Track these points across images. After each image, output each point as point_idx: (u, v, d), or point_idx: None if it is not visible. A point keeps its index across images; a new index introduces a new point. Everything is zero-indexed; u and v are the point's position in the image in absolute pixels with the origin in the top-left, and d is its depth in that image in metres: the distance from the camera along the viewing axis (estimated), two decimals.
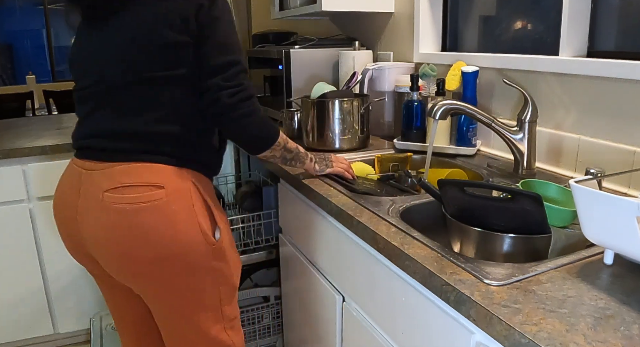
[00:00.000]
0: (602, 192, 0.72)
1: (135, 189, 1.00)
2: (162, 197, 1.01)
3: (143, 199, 1.00)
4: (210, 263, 1.08)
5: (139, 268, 1.03)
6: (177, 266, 1.03)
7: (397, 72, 1.78)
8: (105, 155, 1.04)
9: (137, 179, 1.01)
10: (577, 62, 1.23)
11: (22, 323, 2.00)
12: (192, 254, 1.04)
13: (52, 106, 4.55)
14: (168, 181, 1.02)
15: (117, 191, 1.00)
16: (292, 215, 1.48)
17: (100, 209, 1.01)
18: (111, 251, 1.02)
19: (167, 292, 1.07)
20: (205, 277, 1.08)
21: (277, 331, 1.94)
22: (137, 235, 1.00)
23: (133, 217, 0.99)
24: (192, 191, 1.05)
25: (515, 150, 1.30)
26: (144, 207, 0.99)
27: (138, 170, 1.02)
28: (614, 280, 0.75)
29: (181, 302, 1.08)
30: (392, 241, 0.91)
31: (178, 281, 1.05)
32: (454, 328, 0.79)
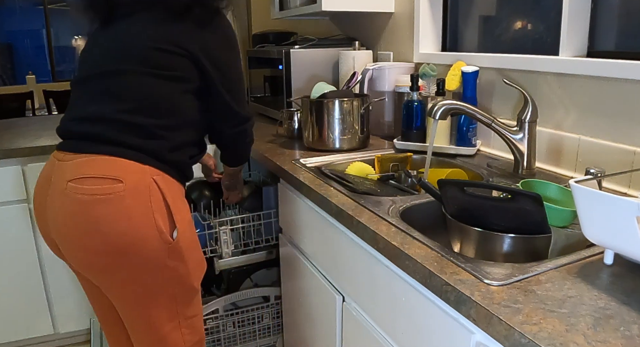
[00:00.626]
0: (602, 192, 0.72)
1: (95, 180, 1.03)
2: (120, 191, 1.03)
3: (100, 191, 1.02)
4: (164, 261, 1.09)
5: (93, 259, 1.05)
6: (129, 260, 1.05)
7: (397, 72, 1.78)
8: (74, 145, 1.09)
9: (98, 171, 1.04)
10: (577, 62, 1.23)
11: (22, 323, 2.00)
12: (145, 249, 1.05)
13: (52, 106, 4.55)
14: (128, 176, 1.05)
15: (78, 181, 1.03)
16: (292, 215, 1.48)
17: (62, 197, 1.04)
18: (68, 239, 1.06)
19: (120, 285, 1.09)
20: (158, 274, 1.09)
21: (277, 331, 1.94)
22: (91, 226, 1.02)
23: (89, 208, 1.02)
24: (151, 188, 1.07)
25: (515, 150, 1.30)
26: (100, 199, 1.02)
27: (101, 162, 1.05)
28: (614, 280, 0.75)
29: (134, 296, 1.10)
30: (392, 241, 0.91)
31: (130, 275, 1.07)
32: (454, 328, 0.79)
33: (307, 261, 1.41)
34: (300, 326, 1.55)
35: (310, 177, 1.32)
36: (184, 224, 1.13)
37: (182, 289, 1.15)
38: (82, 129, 1.09)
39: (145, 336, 1.15)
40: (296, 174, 1.35)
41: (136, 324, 1.14)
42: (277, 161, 1.49)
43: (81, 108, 1.12)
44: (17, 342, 2.04)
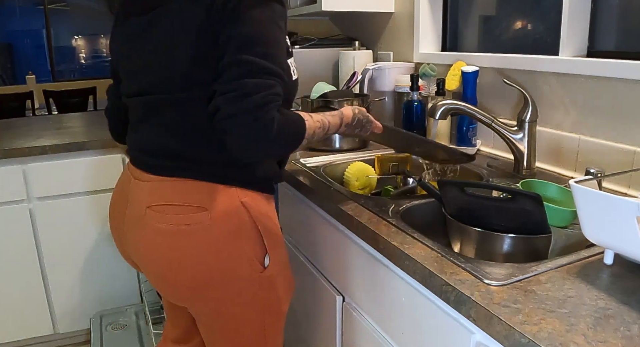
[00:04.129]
0: (602, 192, 0.72)
1: (177, 208, 0.94)
2: (205, 221, 0.93)
3: (185, 220, 0.93)
4: (255, 291, 1.01)
5: (178, 292, 1.00)
6: (216, 293, 0.98)
7: (397, 72, 1.78)
8: (152, 169, 0.99)
9: (180, 198, 0.94)
10: (577, 62, 1.23)
11: (22, 323, 2.00)
12: (234, 282, 0.98)
13: (52, 106, 4.55)
14: (213, 202, 0.94)
15: (159, 208, 0.94)
16: (292, 215, 1.48)
17: (143, 225, 0.96)
18: (150, 269, 0.99)
19: (207, 315, 1.04)
20: (248, 305, 1.02)
21: None
22: (175, 259, 0.95)
23: (172, 240, 0.94)
24: (239, 213, 0.96)
25: (515, 150, 1.30)
26: (184, 231, 0.93)
27: (184, 187, 0.95)
28: (614, 280, 0.75)
29: (221, 326, 1.05)
30: (392, 241, 0.91)
31: (218, 307, 1.01)
32: (454, 328, 0.79)
33: (307, 261, 1.41)
34: (300, 326, 1.55)
35: (311, 177, 1.32)
36: (275, 248, 1.03)
37: (272, 317, 1.08)
38: (154, 163, 0.98)
39: None
40: (296, 174, 1.35)
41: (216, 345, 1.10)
42: None
43: (147, 140, 1.01)
44: (17, 342, 2.04)
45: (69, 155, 1.91)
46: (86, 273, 2.05)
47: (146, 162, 1.00)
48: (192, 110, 0.95)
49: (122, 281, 2.11)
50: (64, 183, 1.93)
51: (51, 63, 7.19)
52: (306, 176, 1.33)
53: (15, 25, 7.30)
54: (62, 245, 1.98)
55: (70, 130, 2.17)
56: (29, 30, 7.35)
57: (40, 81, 5.91)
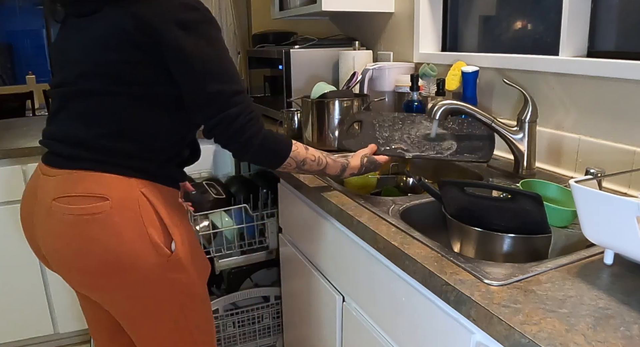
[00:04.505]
0: (602, 192, 0.72)
1: (80, 199, 0.99)
2: (106, 209, 0.99)
3: (87, 210, 0.99)
4: (165, 274, 1.05)
5: (89, 279, 1.03)
6: (126, 278, 1.02)
7: (397, 72, 1.78)
8: (58, 161, 1.04)
9: (82, 189, 1.00)
10: (577, 62, 1.23)
11: (22, 323, 2.00)
12: (142, 266, 1.02)
13: None
14: (113, 192, 1.00)
15: (63, 200, 1.00)
16: (292, 215, 1.48)
17: (49, 217, 1.01)
18: (59, 260, 1.03)
19: (122, 302, 1.06)
20: (160, 288, 1.06)
21: (277, 331, 1.94)
22: (81, 246, 0.99)
23: (77, 229, 0.99)
24: (139, 202, 1.02)
25: (515, 150, 1.30)
26: (87, 219, 0.99)
27: (85, 179, 1.01)
28: (614, 280, 0.75)
29: (138, 312, 1.07)
30: (392, 241, 0.91)
31: (131, 292, 1.04)
32: (454, 328, 0.79)
33: (307, 261, 1.41)
34: (300, 326, 1.55)
35: (310, 177, 1.32)
36: (181, 233, 1.08)
37: (187, 297, 1.11)
38: (64, 151, 1.04)
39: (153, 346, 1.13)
40: (296, 174, 1.35)
41: (145, 338, 1.12)
42: None
43: (61, 128, 1.07)
44: (17, 342, 2.04)
45: None
46: None
47: (53, 152, 1.06)
48: (104, 101, 1.03)
49: None
50: None
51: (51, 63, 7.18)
52: (306, 176, 1.33)
53: (15, 25, 7.30)
54: None
55: None
56: (29, 30, 7.34)
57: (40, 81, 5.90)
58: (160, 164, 1.09)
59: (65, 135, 1.06)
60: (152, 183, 1.06)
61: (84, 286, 1.05)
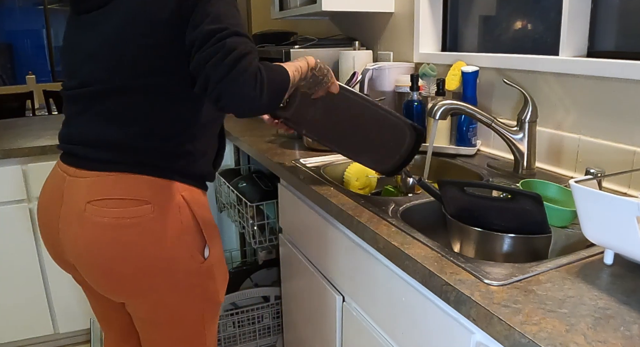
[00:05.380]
0: (602, 192, 0.72)
1: (119, 202, 0.95)
2: (148, 214, 0.96)
3: (127, 214, 0.95)
4: (194, 281, 1.04)
5: (122, 284, 1.00)
6: (159, 284, 1.01)
7: (397, 72, 1.78)
8: (89, 164, 0.99)
9: (122, 192, 0.96)
10: (577, 62, 1.23)
11: (22, 323, 2.00)
12: (176, 272, 1.01)
13: (52, 106, 4.55)
14: (155, 196, 0.97)
15: (100, 203, 0.95)
16: (292, 215, 1.48)
17: (82, 220, 0.96)
18: (91, 264, 0.99)
19: (149, 307, 1.05)
20: (188, 294, 1.05)
21: (277, 331, 1.94)
22: (119, 251, 0.96)
23: (115, 233, 0.95)
24: (180, 207, 1.00)
25: (515, 150, 1.30)
26: (127, 223, 0.95)
27: (124, 182, 0.96)
28: (614, 280, 0.75)
29: (162, 317, 1.06)
30: (392, 241, 0.91)
31: (160, 298, 1.03)
32: (454, 328, 0.79)
33: (307, 261, 1.41)
34: (300, 326, 1.55)
35: (311, 177, 1.32)
36: (214, 240, 1.07)
37: (210, 306, 1.11)
38: (97, 155, 0.98)
39: None
40: (296, 174, 1.35)
41: (156, 342, 1.11)
42: (277, 161, 1.49)
43: (88, 130, 1.01)
44: (17, 342, 2.04)
45: None
46: None
47: (83, 156, 1.00)
48: (134, 99, 0.97)
49: None
50: None
51: (51, 63, 7.19)
52: (306, 176, 1.33)
53: (15, 25, 7.30)
54: None
55: None
56: (29, 30, 7.34)
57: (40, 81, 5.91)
58: (195, 162, 1.05)
59: (94, 138, 0.99)
60: (190, 187, 1.03)
61: (113, 290, 1.02)
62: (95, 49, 0.99)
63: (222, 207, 2.08)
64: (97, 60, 0.99)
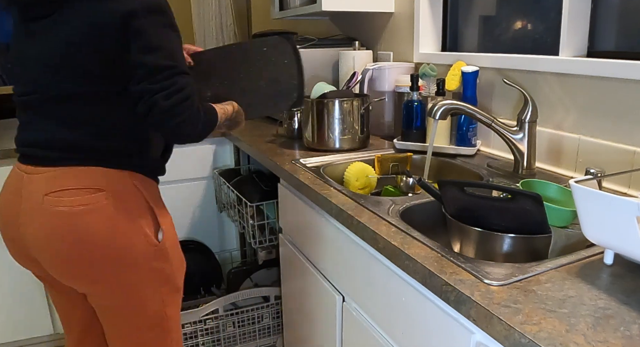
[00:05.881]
0: (602, 192, 0.72)
1: (75, 192, 1.01)
2: (102, 200, 1.02)
3: (82, 201, 1.01)
4: (151, 264, 1.10)
5: (80, 269, 1.05)
6: (118, 267, 1.06)
7: (397, 72, 1.78)
8: (45, 161, 1.05)
9: (77, 183, 1.02)
10: (577, 62, 1.23)
11: (22, 323, 2.00)
12: (133, 255, 1.06)
13: None
14: (108, 184, 1.04)
15: (57, 194, 1.01)
16: (292, 215, 1.48)
17: (41, 212, 1.02)
18: (53, 254, 1.04)
19: (109, 293, 1.09)
20: (146, 277, 1.10)
21: (277, 331, 1.94)
22: (77, 237, 1.01)
23: (72, 220, 1.00)
24: (133, 193, 1.07)
25: (515, 150, 1.30)
26: (83, 210, 1.01)
27: (78, 173, 1.03)
28: (614, 280, 0.75)
29: (123, 301, 1.10)
30: (392, 241, 0.91)
31: (118, 281, 1.07)
32: (454, 328, 0.79)
33: (307, 261, 1.41)
34: (300, 326, 1.55)
35: (310, 177, 1.32)
36: (167, 224, 1.14)
37: (168, 289, 1.16)
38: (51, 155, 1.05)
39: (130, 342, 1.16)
40: (296, 174, 1.35)
41: (120, 328, 1.14)
42: (277, 161, 1.49)
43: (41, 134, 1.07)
44: (17, 342, 2.04)
45: None
46: None
47: (39, 156, 1.06)
48: (82, 104, 1.04)
49: None
50: None
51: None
52: (306, 176, 1.33)
53: None
54: None
55: None
56: None
57: None
58: (142, 156, 1.12)
59: (49, 140, 1.06)
60: (142, 176, 1.11)
61: (75, 277, 1.07)
62: (44, 57, 1.04)
63: (222, 207, 2.08)
64: (46, 67, 1.04)
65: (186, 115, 1.03)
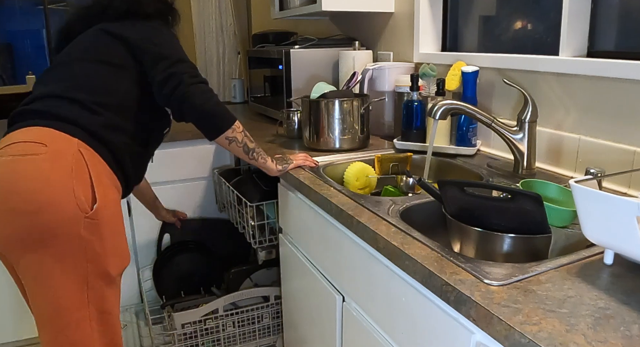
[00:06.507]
0: (602, 192, 0.72)
1: (22, 144, 1.08)
2: (41, 153, 1.07)
3: (24, 151, 1.07)
4: (78, 230, 1.07)
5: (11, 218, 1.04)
6: (42, 220, 1.04)
7: (397, 72, 1.78)
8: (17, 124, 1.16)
9: (26, 137, 1.10)
10: (577, 62, 1.23)
11: (22, 323, 2.00)
12: (59, 212, 1.05)
13: None
14: (53, 142, 1.09)
15: (8, 147, 1.09)
16: (292, 215, 1.48)
17: None
18: None
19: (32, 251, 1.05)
20: (70, 242, 1.06)
21: (277, 331, 1.94)
22: (11, 184, 1.04)
23: (9, 167, 1.06)
24: (75, 157, 1.10)
25: (515, 150, 1.30)
26: (20, 159, 1.06)
27: (33, 131, 1.11)
28: (614, 280, 0.75)
29: (44, 265, 1.06)
30: (392, 241, 0.91)
31: (42, 238, 1.04)
32: (454, 328, 0.79)
33: (307, 261, 1.41)
34: (300, 326, 1.55)
35: (310, 177, 1.32)
36: (106, 201, 1.13)
37: (95, 269, 1.10)
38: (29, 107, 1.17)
39: (49, 321, 1.08)
40: (296, 174, 1.35)
41: (42, 303, 1.08)
42: None
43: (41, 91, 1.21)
44: (17, 342, 2.04)
45: None
46: None
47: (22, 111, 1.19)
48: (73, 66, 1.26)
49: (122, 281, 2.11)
50: None
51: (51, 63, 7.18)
52: (306, 176, 1.33)
53: (15, 25, 7.30)
54: None
55: None
56: (29, 30, 7.34)
57: None
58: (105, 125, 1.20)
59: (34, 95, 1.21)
60: (92, 149, 1.15)
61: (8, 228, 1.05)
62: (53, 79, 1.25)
63: (222, 207, 2.08)
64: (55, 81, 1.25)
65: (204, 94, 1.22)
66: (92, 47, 1.27)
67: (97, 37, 1.29)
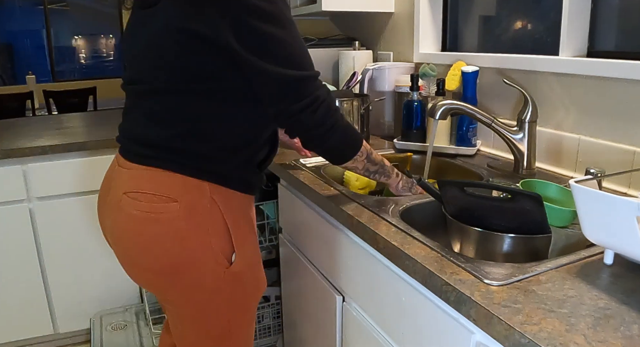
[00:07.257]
0: (602, 192, 0.72)
1: (150, 197, 0.97)
2: (174, 212, 0.96)
3: (154, 209, 0.97)
4: (219, 284, 1.03)
5: (146, 276, 1.03)
6: (181, 281, 1.01)
7: (397, 72, 1.78)
8: (133, 156, 1.02)
9: (153, 188, 0.98)
10: (577, 62, 1.23)
11: (22, 323, 2.00)
12: (198, 272, 1.00)
13: (52, 106, 4.55)
14: (184, 195, 0.97)
15: (133, 195, 0.98)
16: (292, 215, 1.48)
17: (118, 210, 1.00)
18: (122, 254, 1.04)
19: (174, 304, 1.06)
20: (212, 297, 1.04)
21: (277, 331, 1.94)
22: (144, 245, 0.98)
23: (142, 227, 0.98)
24: (209, 208, 0.99)
25: (515, 150, 1.30)
26: (153, 219, 0.97)
27: (157, 178, 0.98)
28: (614, 280, 0.75)
29: (187, 316, 1.07)
30: (392, 241, 0.91)
31: (183, 296, 1.03)
32: (454, 328, 0.79)
33: (307, 261, 1.41)
34: (300, 326, 1.55)
35: (310, 177, 1.32)
36: (244, 246, 1.05)
37: (237, 312, 1.09)
38: (137, 150, 1.02)
39: None
40: (296, 174, 1.35)
41: (181, 338, 1.12)
42: (277, 161, 1.49)
43: (133, 126, 1.05)
44: (17, 342, 2.04)
45: (69, 155, 1.91)
46: (86, 273, 2.05)
47: (128, 149, 1.04)
48: (172, 100, 0.98)
49: (122, 281, 2.11)
50: (64, 183, 1.93)
51: (51, 63, 7.20)
52: (306, 176, 1.33)
53: (15, 25, 7.30)
54: (62, 245, 1.98)
55: (70, 130, 2.17)
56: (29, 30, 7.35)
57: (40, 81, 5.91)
58: (236, 166, 1.03)
59: (137, 134, 1.03)
60: (225, 189, 1.02)
61: (138, 281, 1.07)
62: (141, 48, 1.01)
63: None
64: (142, 59, 1.02)
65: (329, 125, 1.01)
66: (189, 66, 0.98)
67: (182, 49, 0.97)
